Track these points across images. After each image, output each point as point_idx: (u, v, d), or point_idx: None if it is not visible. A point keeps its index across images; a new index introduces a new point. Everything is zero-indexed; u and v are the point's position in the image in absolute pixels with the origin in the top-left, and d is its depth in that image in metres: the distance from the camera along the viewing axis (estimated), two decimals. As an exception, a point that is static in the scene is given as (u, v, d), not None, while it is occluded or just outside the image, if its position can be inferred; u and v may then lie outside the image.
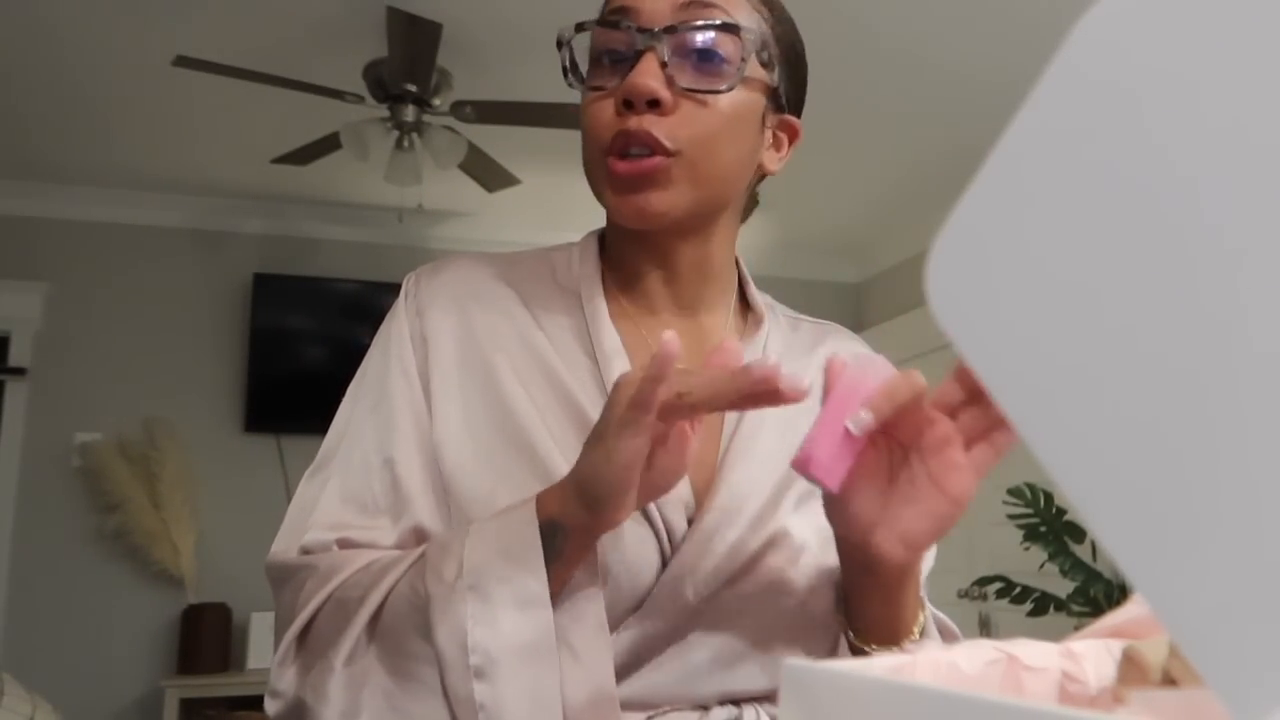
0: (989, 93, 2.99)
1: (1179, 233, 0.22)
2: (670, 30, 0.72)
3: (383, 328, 0.81)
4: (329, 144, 3.02)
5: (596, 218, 0.81)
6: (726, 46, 0.73)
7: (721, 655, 0.70)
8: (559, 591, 0.64)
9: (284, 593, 0.72)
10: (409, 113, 2.87)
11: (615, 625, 0.68)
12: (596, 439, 0.60)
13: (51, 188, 3.84)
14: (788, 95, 0.80)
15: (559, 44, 0.76)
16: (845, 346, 0.88)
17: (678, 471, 0.63)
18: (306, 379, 3.97)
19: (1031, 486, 2.99)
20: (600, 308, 0.79)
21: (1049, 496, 2.98)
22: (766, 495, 0.74)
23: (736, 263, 0.86)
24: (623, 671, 0.68)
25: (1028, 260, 0.25)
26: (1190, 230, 0.22)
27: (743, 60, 0.73)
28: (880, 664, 0.37)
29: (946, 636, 0.81)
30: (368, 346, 0.82)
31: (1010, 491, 3.00)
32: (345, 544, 0.72)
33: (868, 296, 4.73)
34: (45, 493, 3.71)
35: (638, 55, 0.72)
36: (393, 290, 0.83)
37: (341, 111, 2.92)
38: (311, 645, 0.68)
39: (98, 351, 3.85)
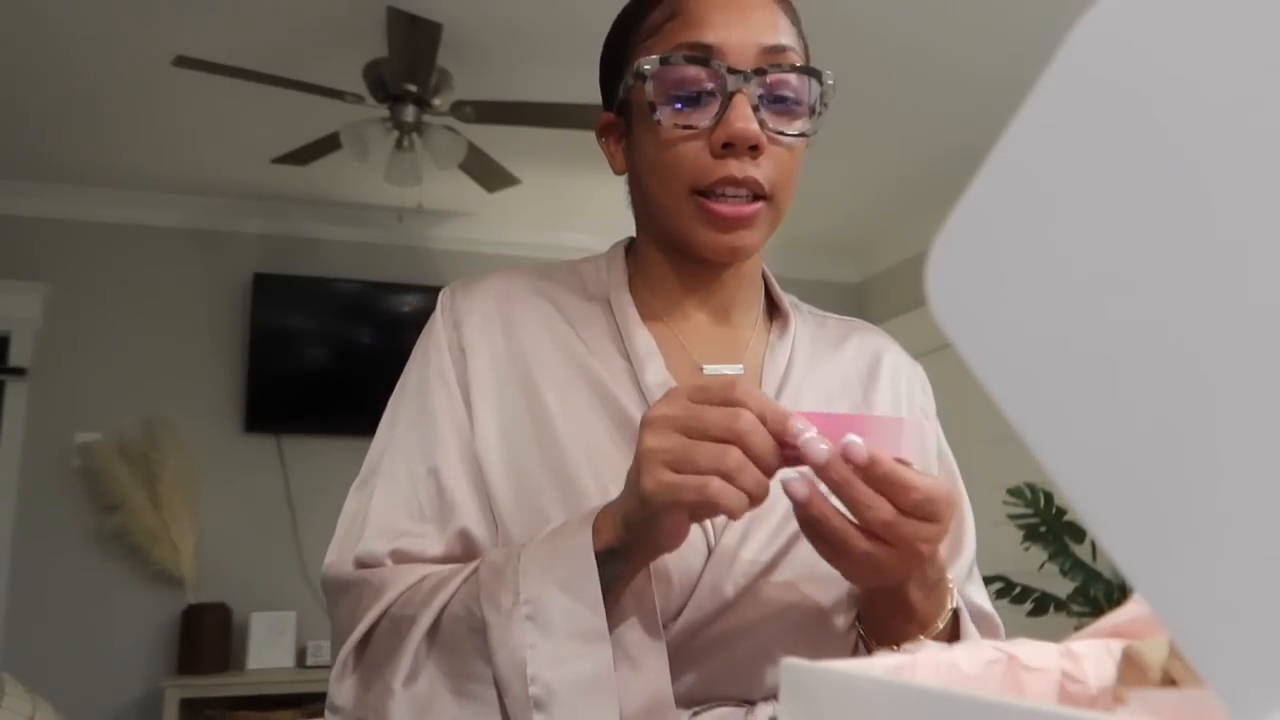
0: (989, 92, 2.99)
1: (1181, 232, 0.22)
2: (759, 72, 0.73)
3: (420, 341, 0.83)
4: (329, 144, 3.02)
5: (596, 218, 0.83)
6: (805, 90, 0.76)
7: (763, 647, 0.72)
8: (615, 603, 0.66)
9: (340, 606, 0.74)
10: (409, 113, 2.87)
11: (666, 621, 0.70)
12: (635, 494, 0.61)
13: (51, 188, 3.83)
14: None
15: (640, 75, 0.75)
16: (872, 341, 0.91)
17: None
18: (307, 379, 3.97)
19: (1031, 486, 2.99)
20: (629, 310, 0.81)
21: (1049, 496, 2.98)
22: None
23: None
24: (672, 668, 0.69)
25: (1028, 260, 0.25)
26: (1192, 229, 0.22)
27: (824, 105, 0.77)
28: (880, 664, 0.37)
29: (986, 631, 0.81)
30: (368, 346, 0.83)
31: (1010, 491, 3.00)
32: (397, 554, 0.74)
33: (868, 296, 4.73)
34: (45, 493, 3.71)
35: (729, 96, 0.73)
36: (393, 290, 0.85)
37: (341, 111, 2.92)
38: (369, 661, 0.70)
39: (98, 351, 3.85)
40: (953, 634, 0.73)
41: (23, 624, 3.62)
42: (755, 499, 0.59)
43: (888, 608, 0.70)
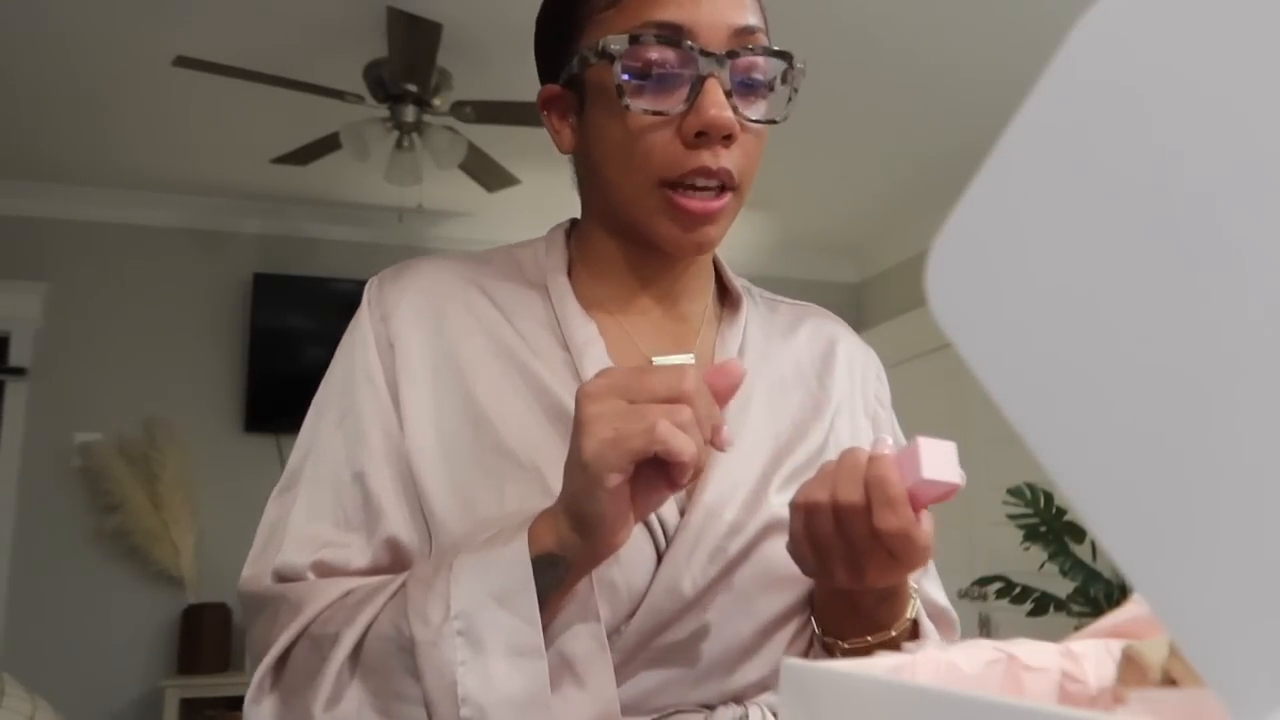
0: (989, 93, 2.99)
1: (1180, 233, 0.22)
2: (732, 55, 0.69)
3: (346, 336, 0.78)
4: (329, 144, 3.02)
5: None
6: (777, 74, 0.73)
7: (724, 651, 0.69)
8: (555, 615, 0.63)
9: (257, 623, 0.70)
10: (409, 113, 2.87)
11: (615, 627, 0.66)
12: (577, 467, 0.58)
13: (51, 188, 3.83)
14: None
15: (607, 55, 0.69)
16: (825, 327, 0.88)
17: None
18: (306, 379, 3.92)
19: (1031, 486, 2.99)
20: (567, 298, 0.76)
21: (1049, 496, 2.98)
22: (757, 477, 0.73)
23: None
24: (625, 674, 0.66)
25: (1028, 260, 0.25)
26: (1191, 230, 0.22)
27: (795, 90, 0.73)
28: (880, 664, 0.37)
29: (942, 627, 0.80)
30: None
31: (1010, 491, 3.00)
32: (319, 566, 0.69)
33: (868, 296, 4.73)
34: (45, 493, 3.71)
35: (699, 80, 0.68)
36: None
37: (341, 111, 2.92)
38: (288, 683, 0.66)
39: (98, 351, 3.85)
40: (911, 638, 0.71)
41: (23, 624, 3.62)
42: (699, 466, 0.57)
43: (844, 611, 0.69)
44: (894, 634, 0.69)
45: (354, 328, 0.77)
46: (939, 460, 0.60)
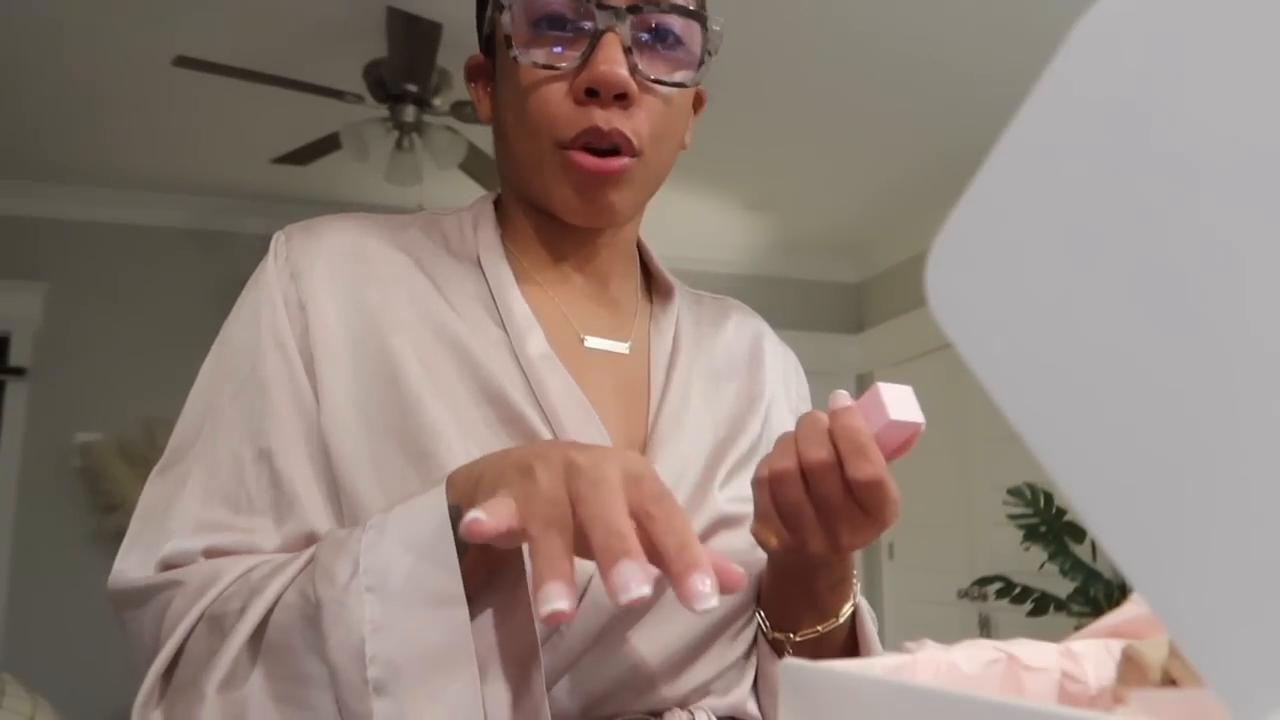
0: (989, 93, 2.99)
1: (1179, 234, 0.22)
2: (634, 9, 0.64)
3: (245, 294, 0.68)
4: (329, 144, 3.02)
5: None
6: (690, 33, 0.67)
7: (670, 654, 0.65)
8: (477, 590, 0.54)
9: (141, 618, 0.59)
10: (409, 113, 2.87)
11: (550, 634, 0.60)
12: (511, 472, 0.50)
13: (51, 188, 3.83)
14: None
15: (498, 5, 0.66)
16: (750, 322, 0.86)
17: None
18: (306, 379, 3.96)
19: (1031, 486, 3.00)
20: (504, 273, 0.71)
21: (1049, 496, 2.98)
22: (700, 471, 0.70)
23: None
24: (568, 681, 0.61)
25: (1028, 260, 0.25)
26: (1190, 232, 0.22)
27: (707, 52, 0.69)
28: (880, 664, 0.37)
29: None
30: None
31: (1010, 491, 3.00)
32: (215, 552, 0.60)
33: (868, 296, 4.72)
34: (45, 493, 3.71)
35: (597, 35, 0.64)
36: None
37: (341, 111, 2.92)
38: (180, 676, 0.55)
39: (98, 351, 3.85)
40: (851, 629, 0.71)
41: (23, 624, 3.62)
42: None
43: (798, 601, 0.68)
44: (840, 620, 0.68)
45: (256, 285, 0.68)
46: (901, 403, 0.58)
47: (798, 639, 0.68)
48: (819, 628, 0.68)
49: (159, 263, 3.98)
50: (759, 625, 0.72)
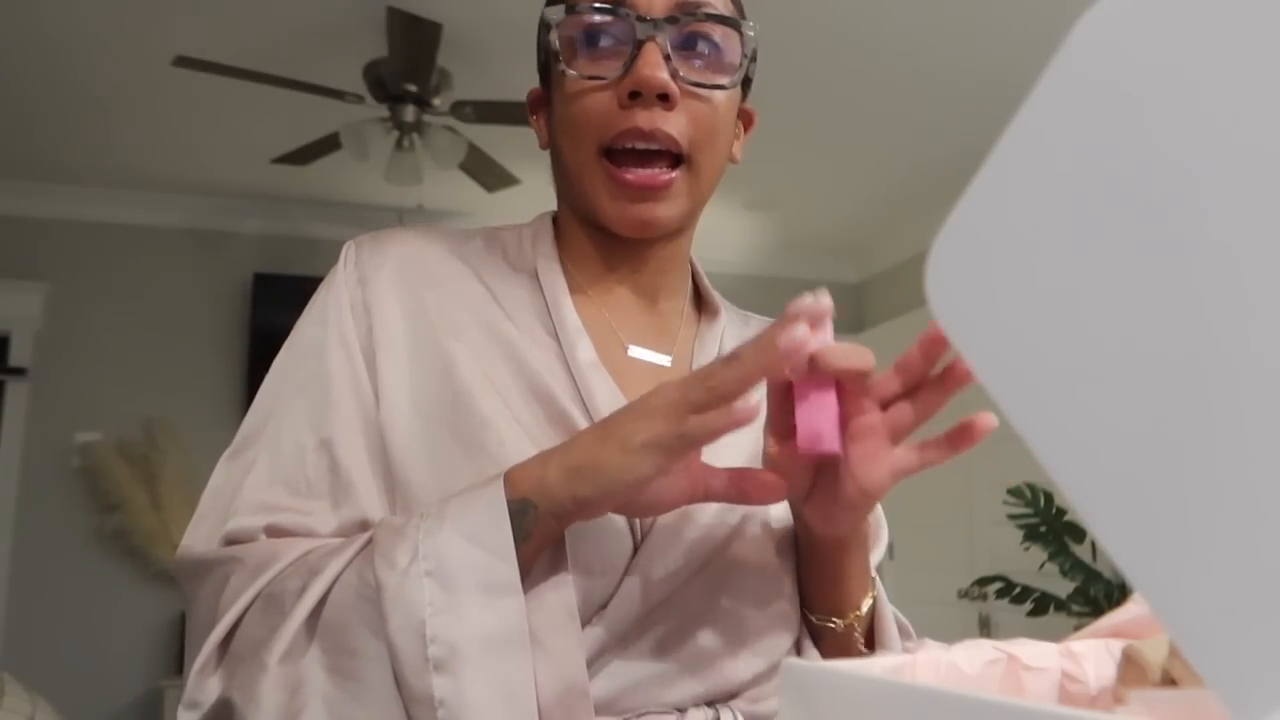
0: (989, 93, 2.99)
1: (1178, 233, 0.22)
2: (672, 20, 0.69)
3: (317, 297, 0.73)
4: (329, 144, 3.03)
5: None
6: (728, 40, 0.71)
7: (699, 650, 0.66)
8: (531, 563, 0.59)
9: (202, 590, 0.64)
10: (409, 113, 2.87)
11: (587, 618, 0.63)
12: (610, 433, 0.56)
13: (51, 188, 3.84)
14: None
15: (545, 27, 0.71)
16: None
17: (678, 498, 0.59)
18: (306, 379, 3.96)
19: (1031, 486, 3.00)
20: (560, 288, 0.74)
21: (1049, 496, 2.98)
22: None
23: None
24: (595, 669, 0.63)
25: (1027, 260, 0.25)
26: (1189, 230, 0.22)
27: (744, 57, 0.72)
28: (880, 664, 0.37)
29: (901, 632, 0.80)
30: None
31: (1010, 491, 3.00)
32: (275, 530, 0.64)
33: (868, 296, 4.73)
34: (45, 493, 3.71)
35: (638, 45, 0.68)
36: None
37: (341, 111, 2.92)
38: (238, 649, 0.60)
39: (98, 351, 3.85)
40: (872, 621, 0.72)
41: (23, 624, 3.62)
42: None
43: (828, 579, 0.69)
44: (864, 611, 0.70)
45: (327, 289, 0.73)
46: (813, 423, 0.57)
47: (843, 623, 0.70)
48: (836, 622, 0.69)
49: (159, 263, 3.98)
50: (803, 621, 0.73)
